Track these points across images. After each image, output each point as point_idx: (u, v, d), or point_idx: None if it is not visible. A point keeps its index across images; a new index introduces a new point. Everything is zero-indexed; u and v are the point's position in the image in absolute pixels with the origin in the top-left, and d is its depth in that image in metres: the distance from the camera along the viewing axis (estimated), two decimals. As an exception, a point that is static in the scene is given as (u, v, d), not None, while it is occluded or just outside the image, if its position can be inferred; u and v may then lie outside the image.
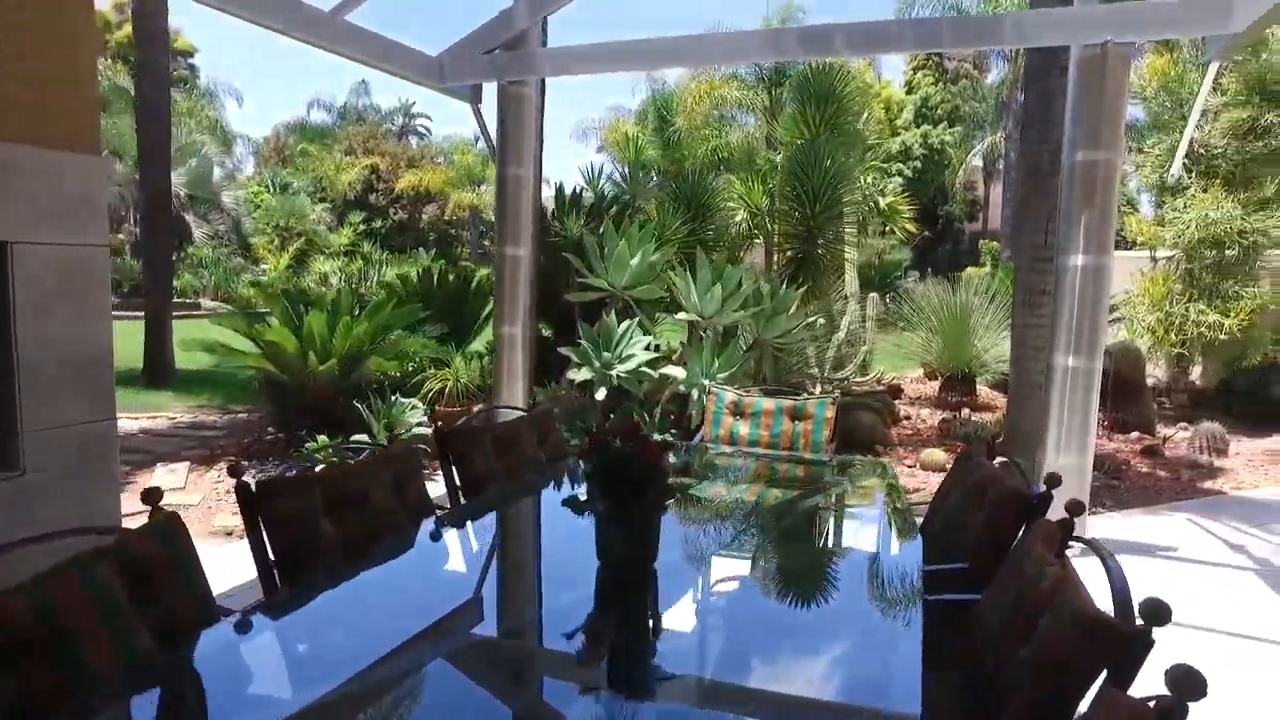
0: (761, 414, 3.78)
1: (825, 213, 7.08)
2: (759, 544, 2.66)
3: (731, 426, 3.82)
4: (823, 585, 2.27)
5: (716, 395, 3.92)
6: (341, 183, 33.18)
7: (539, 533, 2.72)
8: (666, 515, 2.31)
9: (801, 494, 3.22)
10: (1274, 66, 8.72)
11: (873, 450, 7.16)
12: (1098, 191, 4.40)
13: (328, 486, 2.16)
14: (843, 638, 1.92)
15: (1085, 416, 4.54)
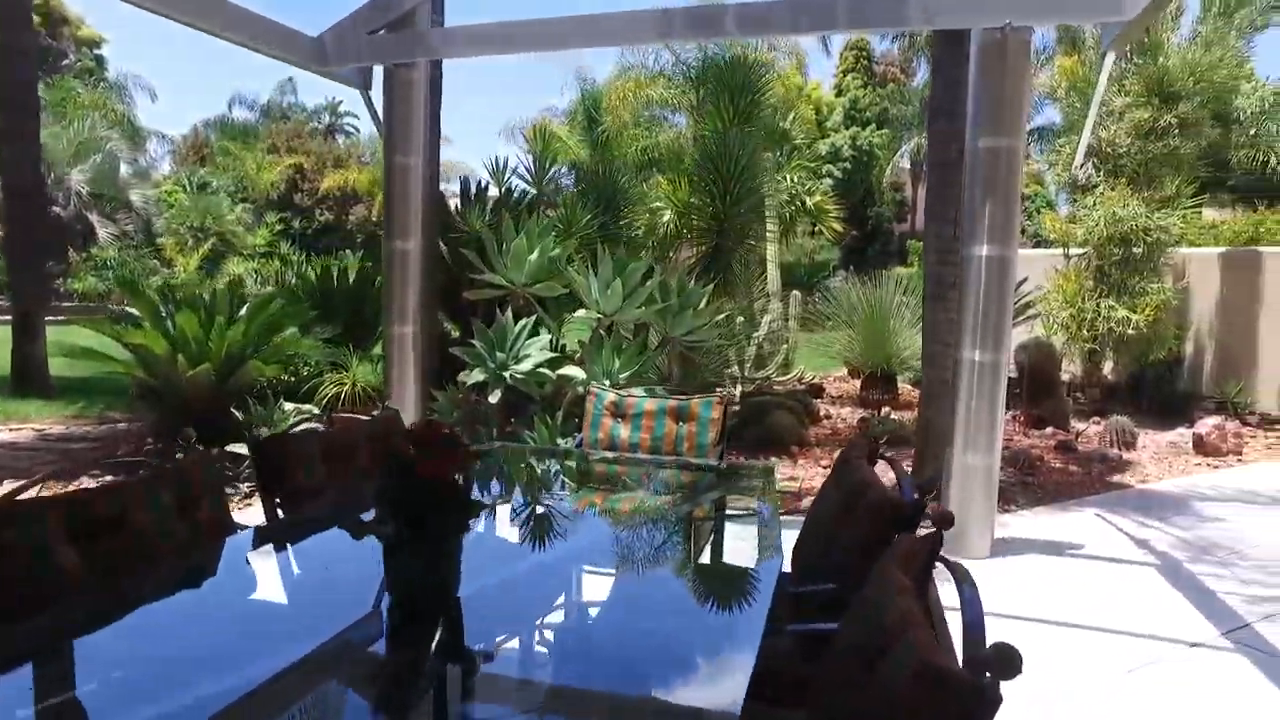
0: (643, 416, 3.50)
1: (737, 206, 6.86)
2: (598, 565, 2.36)
3: (611, 429, 3.53)
4: (658, 613, 1.98)
5: (596, 396, 3.62)
6: (263, 182, 31.89)
7: (336, 558, 2.36)
8: (500, 534, 2.00)
9: (666, 505, 2.93)
10: (1170, 70, 8.88)
11: (789, 451, 6.97)
12: (1000, 180, 4.26)
13: (75, 509, 1.78)
14: (660, 676, 1.62)
15: (993, 412, 4.40)
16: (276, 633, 1.70)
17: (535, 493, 3.17)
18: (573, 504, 3.02)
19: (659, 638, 1.81)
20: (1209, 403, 9.26)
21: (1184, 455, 7.48)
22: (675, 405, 3.50)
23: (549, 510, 2.92)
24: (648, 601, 2.07)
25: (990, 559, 4.53)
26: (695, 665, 1.68)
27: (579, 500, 3.07)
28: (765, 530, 2.50)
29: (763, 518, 2.63)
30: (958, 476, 4.50)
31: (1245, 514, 5.68)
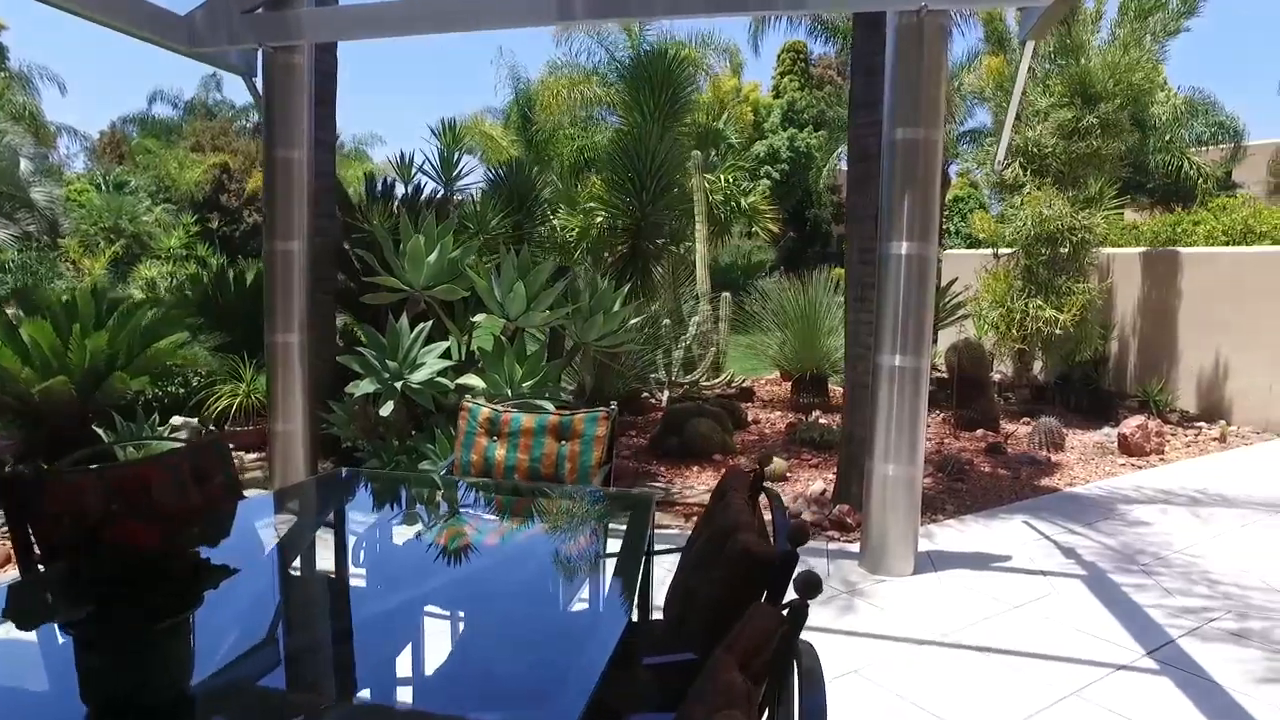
0: (520, 434, 3.13)
1: (656, 203, 6.53)
2: (413, 614, 1.98)
3: (486, 450, 3.15)
4: (475, 670, 1.61)
5: (469, 411, 3.23)
6: (186, 182, 30.48)
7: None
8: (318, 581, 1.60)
9: (518, 542, 2.55)
10: (1091, 71, 8.90)
11: (711, 460, 6.67)
12: (919, 173, 4.01)
13: None
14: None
15: (914, 420, 4.15)
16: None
17: (366, 530, 2.76)
18: (417, 537, 2.62)
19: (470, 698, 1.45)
20: (1133, 401, 9.32)
21: (1109, 455, 7.43)
22: (556, 421, 3.14)
23: (376, 548, 2.52)
24: (464, 660, 1.70)
25: (914, 576, 4.28)
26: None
27: (423, 534, 2.67)
28: (622, 579, 2.12)
29: (625, 558, 2.26)
30: (878, 489, 4.24)
31: (1165, 517, 5.58)
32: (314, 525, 2.71)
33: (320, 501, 2.91)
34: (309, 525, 2.69)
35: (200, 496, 2.27)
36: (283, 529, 2.59)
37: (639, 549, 2.26)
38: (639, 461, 6.77)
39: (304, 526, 2.65)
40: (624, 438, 7.57)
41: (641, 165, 6.55)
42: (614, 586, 2.05)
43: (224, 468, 2.42)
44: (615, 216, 6.78)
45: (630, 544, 2.29)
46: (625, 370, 7.92)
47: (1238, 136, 21.85)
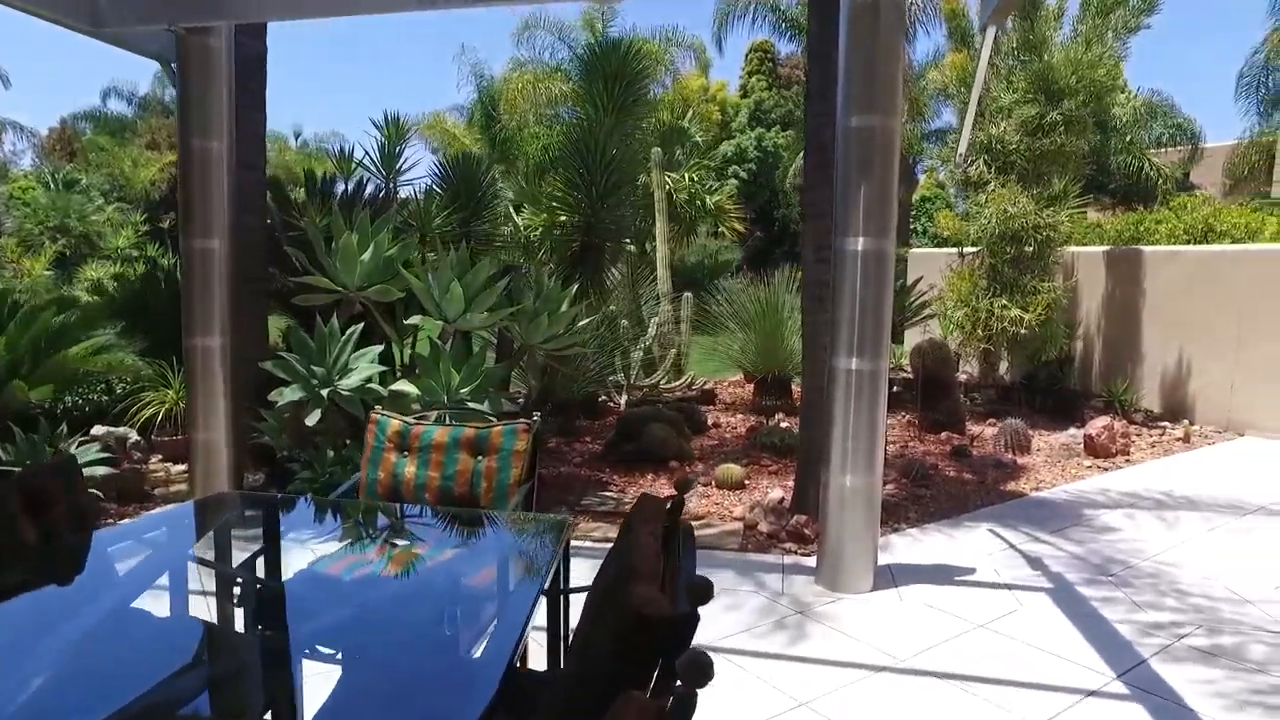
0: (432, 448, 2.82)
1: (608, 198, 6.24)
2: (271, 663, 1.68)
3: (395, 467, 2.83)
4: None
5: (378, 424, 2.92)
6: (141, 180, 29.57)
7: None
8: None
9: (402, 585, 2.22)
10: (1054, 67, 8.79)
11: (667, 466, 6.39)
12: (875, 163, 3.77)
13: None
14: None
15: (872, 427, 3.90)
16: None
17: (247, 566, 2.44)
18: (302, 569, 2.31)
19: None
20: (1098, 401, 9.21)
21: (1076, 457, 7.27)
22: (472, 435, 2.83)
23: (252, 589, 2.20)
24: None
25: (873, 593, 4.03)
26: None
27: (308, 566, 2.36)
28: (517, 614, 1.82)
29: (521, 596, 1.96)
30: (834, 501, 3.99)
31: (1132, 522, 5.42)
32: (185, 555, 2.38)
33: (199, 527, 2.58)
34: (177, 555, 2.36)
35: (34, 530, 1.95)
36: (144, 560, 2.26)
37: (543, 585, 1.96)
38: (592, 469, 6.47)
39: (170, 557, 2.32)
40: (579, 443, 7.27)
41: (592, 160, 6.25)
42: (508, 629, 1.76)
43: (69, 493, 2.09)
44: (566, 213, 6.47)
45: (535, 578, 2.00)
46: (581, 373, 7.62)
47: (1195, 138, 22.15)
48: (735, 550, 4.70)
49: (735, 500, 5.67)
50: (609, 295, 7.85)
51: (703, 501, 5.67)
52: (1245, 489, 6.25)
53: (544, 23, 18.95)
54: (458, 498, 2.77)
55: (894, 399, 9.40)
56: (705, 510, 5.49)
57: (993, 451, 7.31)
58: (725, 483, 5.89)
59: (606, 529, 5.08)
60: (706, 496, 5.78)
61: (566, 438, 7.41)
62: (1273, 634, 3.70)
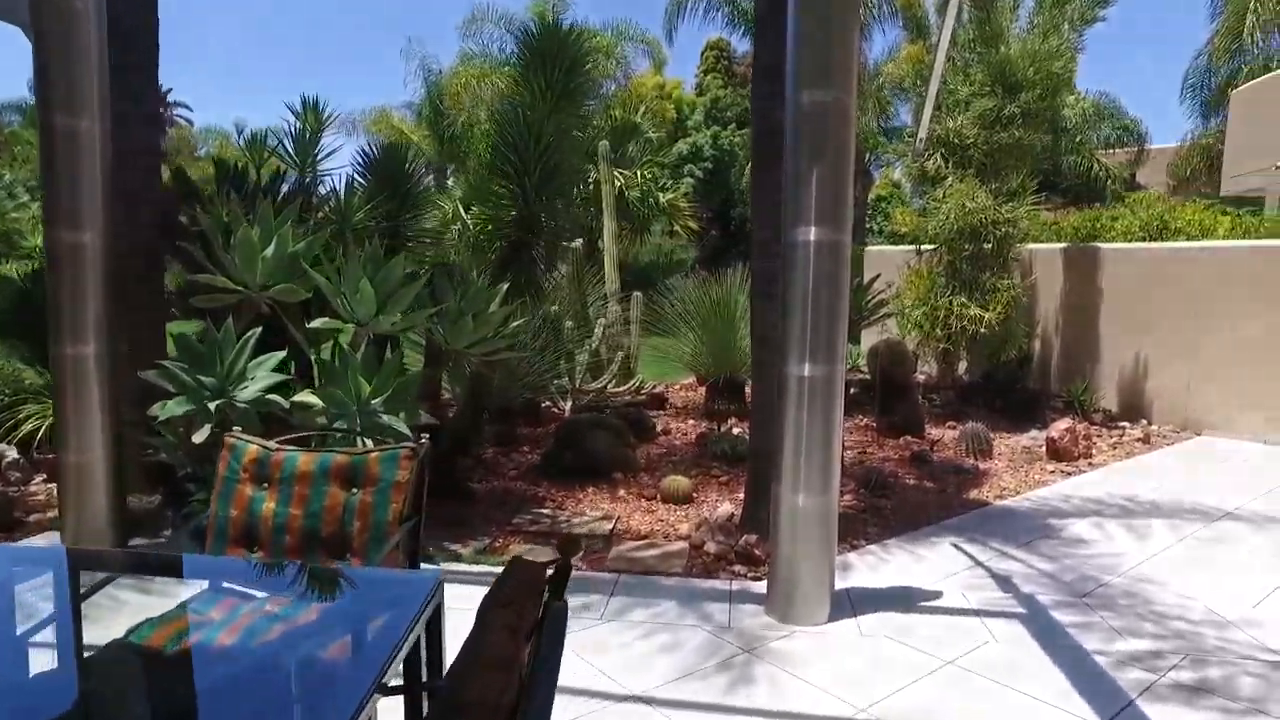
0: (294, 479, 2.32)
1: (542, 189, 5.75)
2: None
3: (251, 502, 2.33)
4: None
5: (232, 450, 2.41)
6: (70, 176, 28.08)
7: None
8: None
9: (212, 675, 1.73)
10: (1011, 59, 8.55)
11: (610, 478, 5.93)
12: (830, 143, 3.35)
13: None
14: None
15: (827, 441, 3.48)
16: None
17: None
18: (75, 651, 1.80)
19: None
20: (1058, 401, 9.00)
21: (1038, 461, 6.99)
22: (344, 463, 2.33)
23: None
24: None
25: (829, 625, 3.61)
26: None
27: (85, 646, 1.85)
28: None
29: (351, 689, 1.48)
30: (786, 522, 3.56)
31: (1100, 532, 5.11)
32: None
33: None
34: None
35: None
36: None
37: (378, 676, 1.48)
38: (528, 482, 5.98)
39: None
40: (517, 453, 6.77)
41: (525, 147, 5.75)
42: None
43: None
44: (496, 207, 5.96)
45: (370, 667, 1.51)
46: (519, 378, 7.12)
47: (1141, 140, 22.46)
48: (679, 575, 4.26)
49: (682, 516, 5.24)
50: (549, 295, 7.35)
51: (647, 518, 5.22)
52: (1208, 493, 6.03)
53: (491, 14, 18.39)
54: (325, 540, 2.27)
55: (851, 402, 9.10)
56: (649, 528, 5.03)
57: (954, 456, 7.00)
58: (672, 496, 5.45)
59: (538, 552, 4.61)
60: (651, 512, 5.33)
61: (504, 447, 6.91)
62: (1260, 663, 3.38)
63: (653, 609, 3.79)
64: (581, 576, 4.25)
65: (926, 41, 9.67)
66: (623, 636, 3.51)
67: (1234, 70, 20.17)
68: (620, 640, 3.48)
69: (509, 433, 7.16)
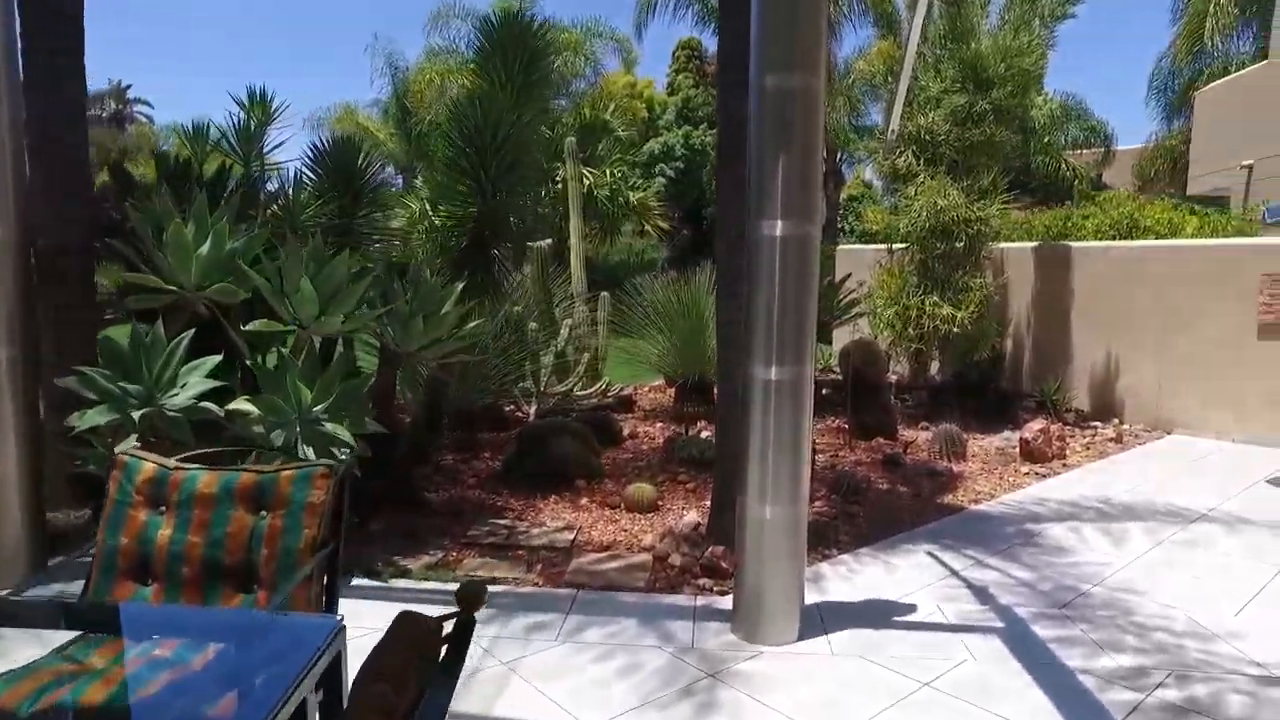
0: (194, 502, 2.05)
1: (500, 182, 5.49)
2: None
3: (144, 528, 2.06)
4: None
5: (124, 469, 2.14)
6: (27, 175, 27.25)
7: None
8: None
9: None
10: (982, 55, 8.44)
11: (573, 486, 5.68)
12: (797, 130, 3.14)
13: None
14: None
15: (795, 449, 3.27)
16: None
17: None
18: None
19: None
20: (1030, 401, 8.90)
21: (1012, 463, 6.86)
22: (250, 483, 2.07)
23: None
24: None
25: (799, 644, 3.40)
26: None
27: None
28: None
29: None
30: (753, 536, 3.35)
31: (1077, 537, 4.97)
32: None
33: None
34: None
35: None
36: None
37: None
38: (488, 490, 5.71)
39: None
40: (477, 460, 6.50)
41: (482, 139, 5.48)
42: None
43: None
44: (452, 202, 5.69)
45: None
46: (480, 382, 6.86)
47: (1107, 141, 22.71)
48: (641, 590, 4.02)
49: (646, 525, 5.00)
50: (511, 294, 7.09)
51: (610, 528, 4.98)
52: (1182, 494, 5.94)
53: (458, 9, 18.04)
54: (229, 570, 2.01)
55: (823, 402, 8.94)
56: (612, 539, 4.80)
57: (927, 459, 6.85)
58: (636, 505, 5.22)
59: (494, 565, 4.35)
60: (615, 522, 5.09)
61: (465, 453, 6.63)
62: (1247, 678, 3.22)
63: (612, 628, 3.56)
64: (538, 593, 4.00)
65: (897, 37, 9.54)
66: (579, 659, 3.28)
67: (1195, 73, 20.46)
68: (576, 664, 3.24)
69: (470, 438, 6.88)
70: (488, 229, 5.63)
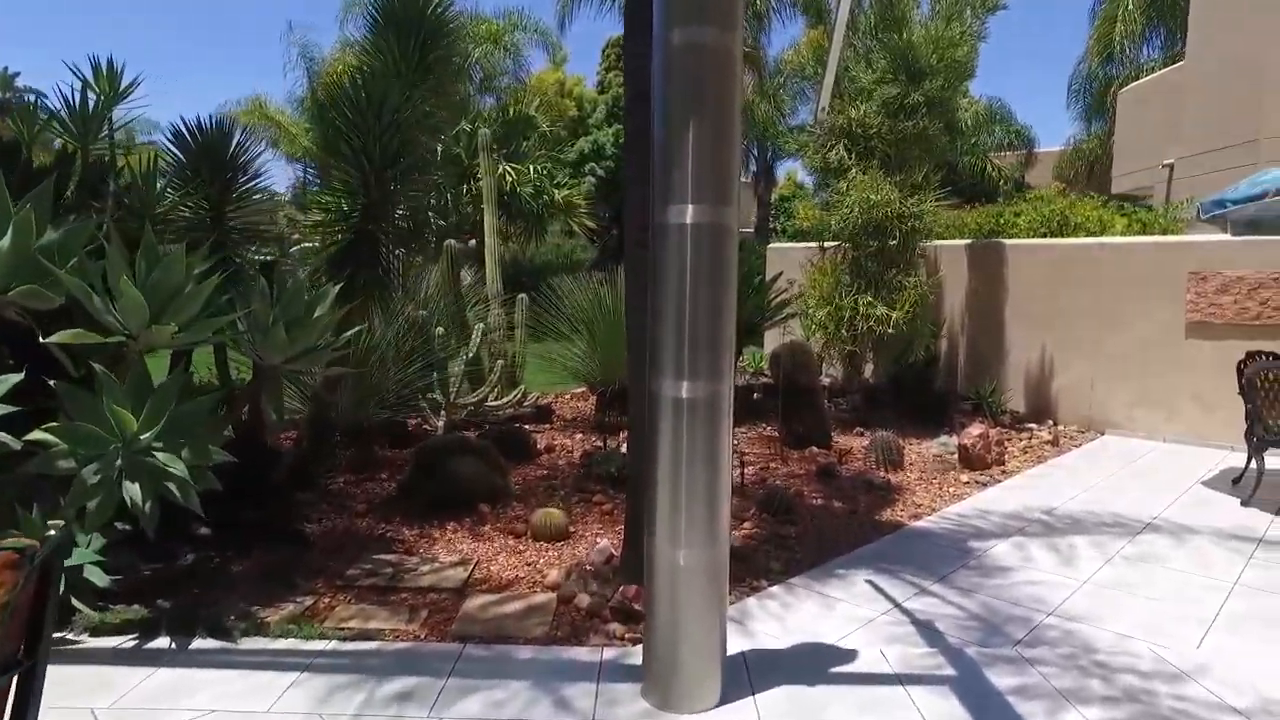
0: None
1: (392, 167, 4.82)
2: None
3: None
4: None
5: None
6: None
7: None
8: None
9: None
10: (914, 44, 8.15)
11: (476, 510, 5.05)
12: (710, 96, 2.60)
13: None
14: None
15: (712, 480, 2.72)
16: None
17: None
18: None
19: None
20: (966, 404, 8.63)
21: (951, 470, 6.51)
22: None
23: None
24: None
25: (720, 709, 2.86)
26: None
27: None
28: None
29: None
30: (664, 585, 2.79)
31: (1023, 555, 4.60)
32: None
33: None
34: None
35: None
36: None
37: None
38: (378, 518, 5.04)
39: None
40: (372, 482, 5.81)
41: (364, 121, 4.81)
42: None
43: None
44: (331, 194, 4.99)
45: None
46: (378, 394, 6.16)
47: (1030, 144, 23.15)
48: (540, 641, 3.43)
49: (554, 556, 4.41)
50: (413, 297, 6.41)
51: (512, 561, 4.37)
52: (1123, 501, 5.70)
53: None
54: None
55: (755, 408, 8.51)
56: (513, 574, 4.19)
57: (863, 469, 6.44)
58: (544, 533, 4.62)
59: (370, 614, 3.70)
60: (519, 553, 4.49)
61: (360, 475, 5.93)
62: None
63: (499, 694, 2.96)
64: (417, 650, 3.38)
65: (827, 25, 9.19)
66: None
67: (1109, 78, 20.99)
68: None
69: (366, 458, 6.18)
70: (374, 223, 4.95)
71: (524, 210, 14.41)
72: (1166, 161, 12.79)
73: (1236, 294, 7.34)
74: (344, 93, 4.90)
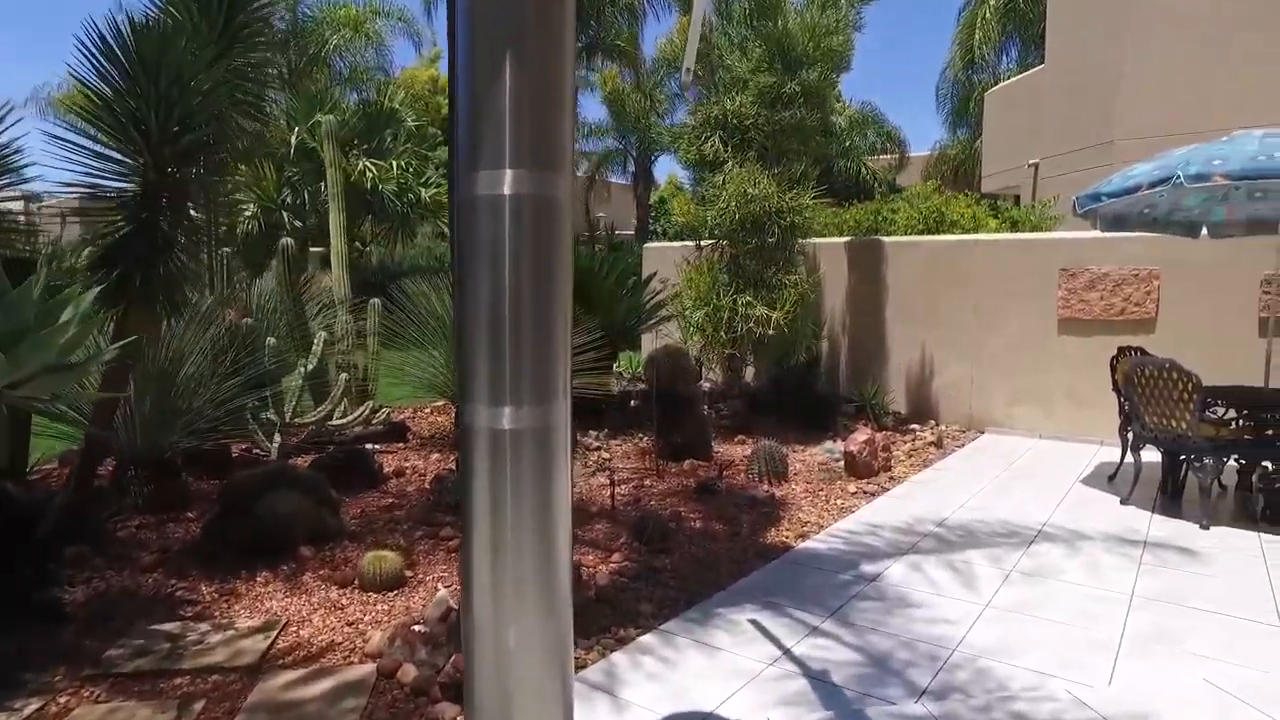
0: None
1: (177, 144, 3.91)
2: None
3: None
4: None
5: None
6: None
7: None
8: None
9: None
10: (790, 32, 7.81)
11: (297, 556, 4.20)
12: (530, 29, 1.94)
13: None
14: None
15: (546, 535, 2.05)
16: None
17: None
18: None
19: None
20: (849, 406, 8.35)
21: (838, 480, 6.13)
22: None
23: None
24: None
25: None
26: None
27: None
28: None
29: None
30: (487, 670, 2.10)
31: (920, 577, 4.22)
32: None
33: None
34: None
35: None
36: None
37: None
38: (170, 571, 4.10)
39: None
40: (174, 524, 4.83)
41: (143, 84, 3.90)
42: None
43: None
44: (104, 173, 4.03)
45: None
46: (196, 417, 5.18)
47: (902, 147, 23.87)
48: (346, 739, 2.69)
49: (384, 611, 3.65)
50: (229, 301, 5.46)
51: (331, 620, 3.57)
52: (1011, 506, 5.53)
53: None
54: None
55: (632, 417, 7.95)
56: (329, 639, 3.40)
57: (746, 482, 5.96)
58: (373, 581, 3.83)
59: (128, 711, 2.83)
60: (340, 608, 3.68)
61: (160, 516, 4.93)
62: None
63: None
64: (175, 765, 2.55)
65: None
66: None
67: (971, 85, 21.88)
68: None
69: (171, 494, 5.17)
70: (157, 211, 4.03)
71: (386, 209, 13.35)
72: (1032, 161, 13.15)
73: (1103, 290, 7.36)
74: (108, 45, 3.93)
